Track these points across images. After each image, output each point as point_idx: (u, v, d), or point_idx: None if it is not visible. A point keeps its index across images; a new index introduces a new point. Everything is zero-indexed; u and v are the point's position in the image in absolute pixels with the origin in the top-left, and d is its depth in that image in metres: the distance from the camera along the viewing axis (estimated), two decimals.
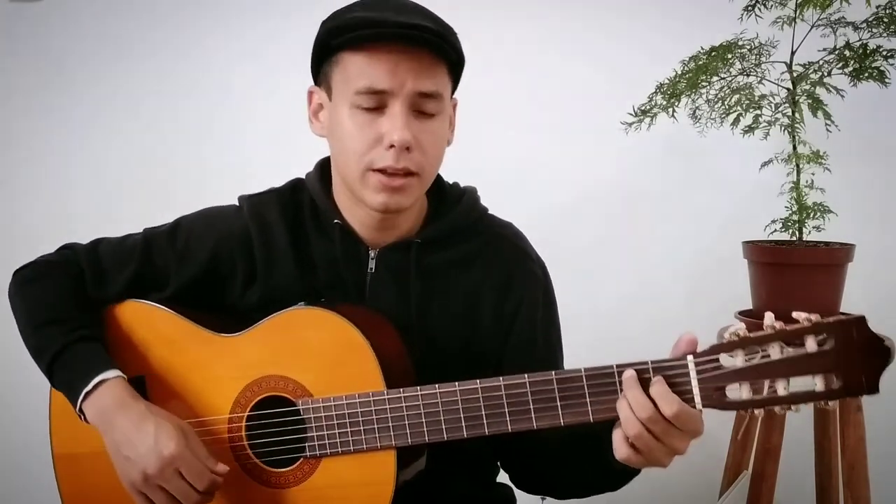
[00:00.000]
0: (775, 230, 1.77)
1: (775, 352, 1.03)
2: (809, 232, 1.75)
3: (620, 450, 1.10)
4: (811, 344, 1.02)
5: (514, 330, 1.33)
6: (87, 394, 1.22)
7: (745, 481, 1.68)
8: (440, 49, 1.20)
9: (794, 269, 1.70)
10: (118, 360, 1.27)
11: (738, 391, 1.05)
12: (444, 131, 1.26)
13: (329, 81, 1.24)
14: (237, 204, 1.37)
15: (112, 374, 1.23)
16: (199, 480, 1.17)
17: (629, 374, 1.08)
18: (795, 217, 1.74)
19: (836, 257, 1.71)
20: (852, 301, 1.75)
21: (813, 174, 1.73)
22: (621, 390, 1.08)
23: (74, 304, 1.32)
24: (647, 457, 1.09)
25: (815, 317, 1.03)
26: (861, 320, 1.03)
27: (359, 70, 1.19)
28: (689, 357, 1.07)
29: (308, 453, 1.22)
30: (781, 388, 1.03)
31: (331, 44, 1.21)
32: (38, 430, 1.40)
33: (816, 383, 1.03)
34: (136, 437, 1.18)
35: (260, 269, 1.32)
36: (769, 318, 1.04)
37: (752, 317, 1.76)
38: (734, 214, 2.15)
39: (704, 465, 1.97)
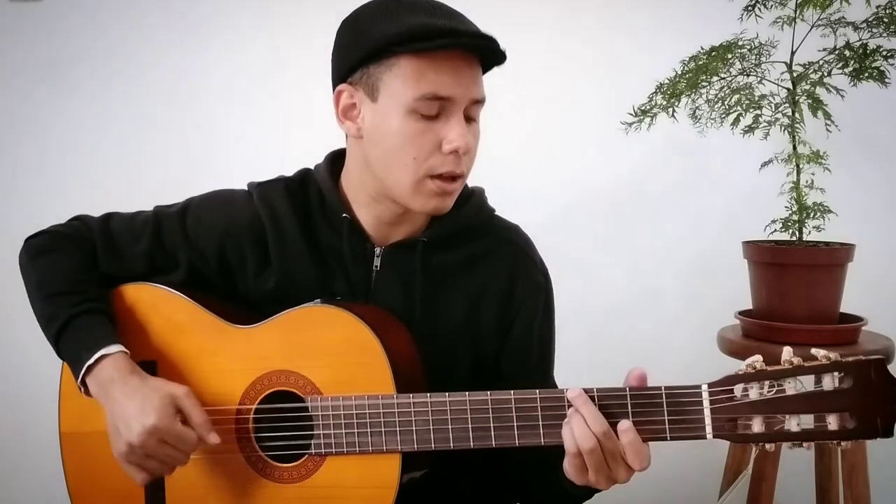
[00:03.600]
0: (775, 230, 1.77)
1: (791, 387, 1.03)
2: (809, 232, 1.75)
3: (569, 463, 1.12)
4: (828, 382, 1.03)
5: (510, 334, 1.34)
6: (90, 368, 1.23)
7: (745, 481, 1.68)
8: (499, 59, 1.22)
9: (794, 269, 1.70)
10: (131, 343, 1.27)
11: (751, 424, 1.05)
12: (479, 135, 1.27)
13: (376, 83, 1.20)
14: (247, 189, 1.37)
15: (114, 348, 1.24)
16: (186, 446, 1.19)
17: (577, 392, 1.10)
18: (795, 217, 1.74)
19: (836, 257, 1.71)
20: (852, 301, 1.75)
21: (813, 174, 1.73)
22: (632, 413, 1.09)
23: (84, 277, 1.32)
24: (592, 475, 1.10)
25: (833, 355, 1.03)
26: (880, 362, 1.03)
27: (420, 75, 1.17)
28: (704, 386, 1.07)
29: (313, 451, 1.22)
30: (794, 425, 1.03)
31: (397, 49, 1.17)
32: (44, 408, 1.41)
33: (830, 422, 1.03)
34: (125, 410, 1.19)
35: (274, 254, 1.32)
36: (787, 352, 1.05)
37: (752, 317, 1.76)
38: (734, 214, 2.15)
39: (704, 465, 1.97)
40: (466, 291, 1.32)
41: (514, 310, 1.33)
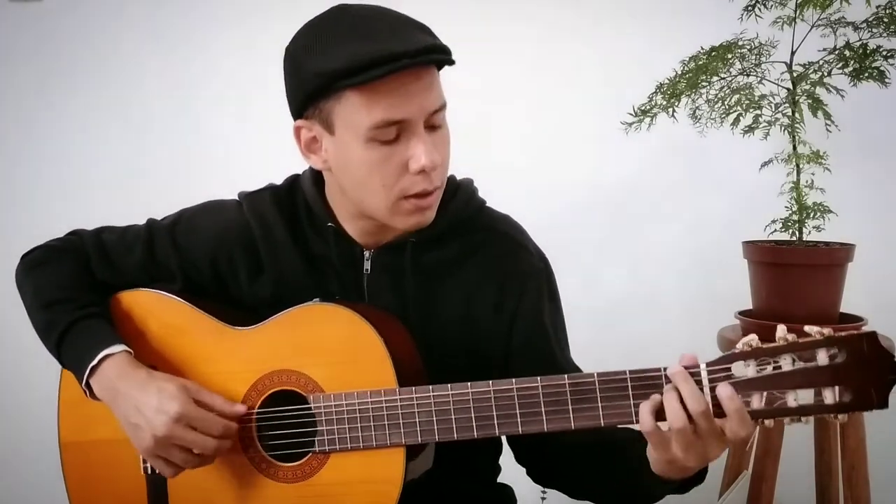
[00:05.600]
0: (775, 230, 1.77)
1: (787, 363, 1.05)
2: (809, 232, 1.75)
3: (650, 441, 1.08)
4: (822, 357, 1.04)
5: (517, 325, 1.31)
6: (93, 369, 1.23)
7: (745, 481, 1.68)
8: (444, 62, 1.17)
9: (794, 269, 1.70)
10: (131, 349, 1.27)
11: (750, 401, 1.06)
12: (449, 136, 1.23)
13: (328, 117, 1.17)
14: (237, 199, 1.37)
15: (117, 348, 1.24)
16: (212, 428, 1.19)
17: (678, 369, 1.06)
18: (795, 217, 1.74)
19: (836, 257, 1.71)
20: (852, 301, 1.75)
21: (813, 174, 1.73)
22: (633, 395, 1.09)
23: (81, 285, 1.33)
24: (682, 455, 1.06)
25: (827, 330, 1.04)
26: (872, 335, 1.04)
27: (370, 105, 1.13)
28: (702, 365, 1.08)
29: (317, 449, 1.22)
30: (791, 400, 1.04)
31: (337, 85, 1.13)
32: (44, 419, 1.41)
33: (826, 396, 1.04)
34: (141, 403, 1.20)
35: (266, 262, 1.32)
36: (781, 329, 1.06)
37: (752, 317, 1.76)
38: (734, 214, 2.15)
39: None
40: (460, 287, 1.31)
41: (514, 302, 1.31)
